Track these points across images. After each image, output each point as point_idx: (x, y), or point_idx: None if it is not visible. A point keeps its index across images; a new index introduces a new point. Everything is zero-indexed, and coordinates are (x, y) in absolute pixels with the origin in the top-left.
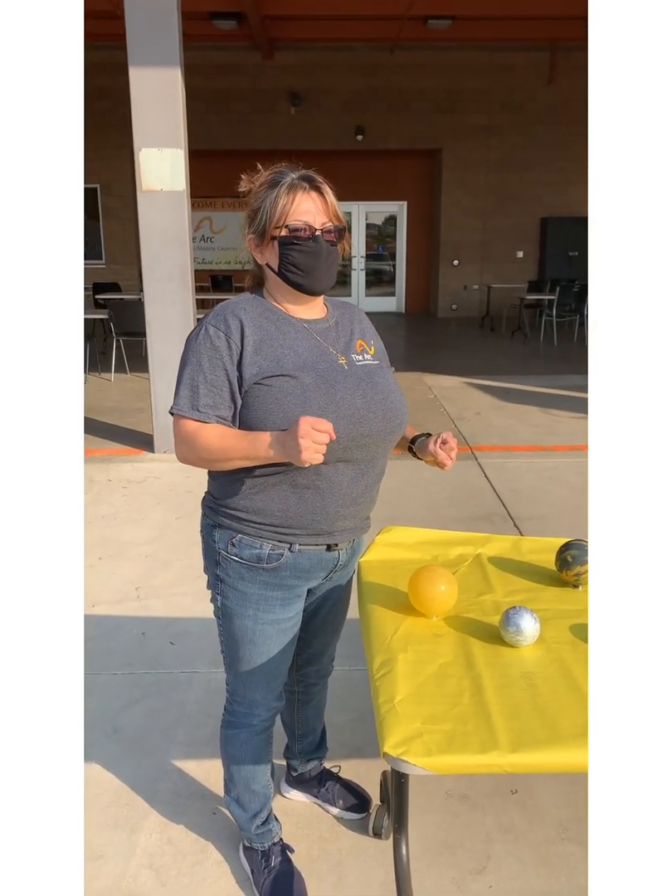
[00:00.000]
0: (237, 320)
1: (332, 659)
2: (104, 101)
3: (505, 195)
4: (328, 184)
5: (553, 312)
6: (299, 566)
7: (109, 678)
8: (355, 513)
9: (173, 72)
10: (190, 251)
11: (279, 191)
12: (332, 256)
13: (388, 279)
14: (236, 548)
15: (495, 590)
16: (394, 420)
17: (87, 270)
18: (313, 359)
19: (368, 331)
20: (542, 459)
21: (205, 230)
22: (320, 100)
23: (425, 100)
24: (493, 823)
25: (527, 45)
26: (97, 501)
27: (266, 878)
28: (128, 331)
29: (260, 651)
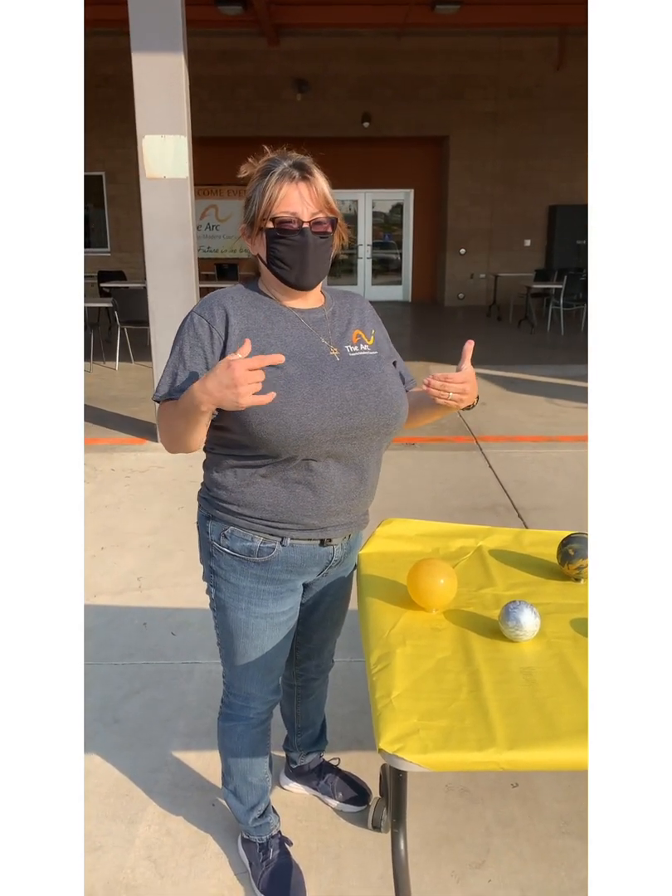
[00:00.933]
0: (222, 309)
1: (332, 654)
2: (109, 89)
3: (512, 183)
4: (321, 172)
5: (560, 302)
6: (291, 560)
7: (110, 668)
8: (349, 508)
9: (177, 58)
10: (193, 239)
11: (268, 180)
12: (322, 249)
13: (395, 268)
14: (228, 540)
15: (496, 583)
16: (387, 413)
17: (92, 258)
18: (301, 349)
19: (369, 321)
20: (547, 450)
21: (210, 218)
22: (326, 86)
23: (432, 86)
24: (493, 817)
25: (535, 30)
26: (100, 491)
27: (264, 870)
28: (132, 319)
29: (254, 644)
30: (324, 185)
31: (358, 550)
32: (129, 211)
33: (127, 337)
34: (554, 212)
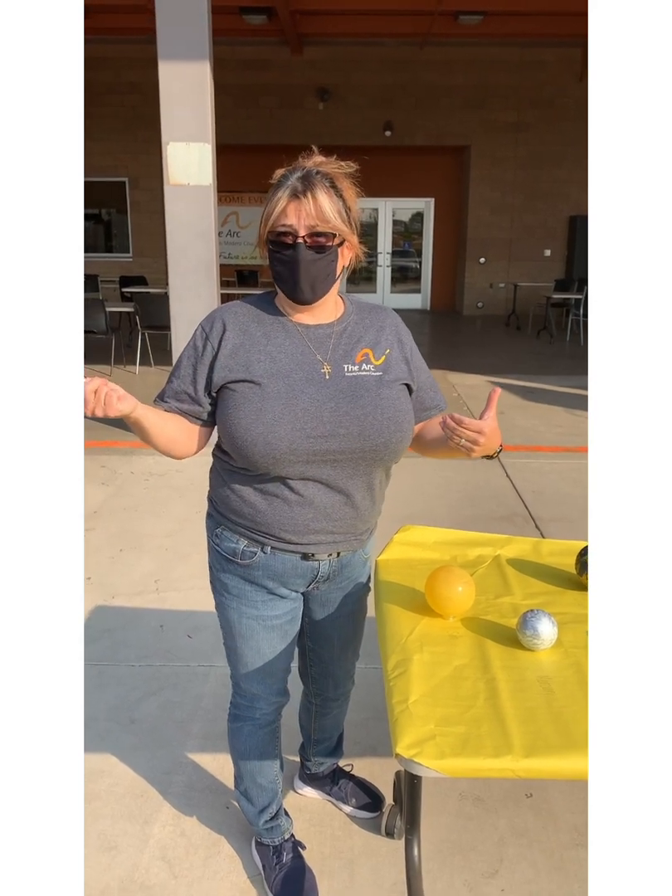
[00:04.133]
0: (221, 323)
1: (351, 677)
2: (134, 95)
3: (533, 192)
4: (329, 182)
5: (580, 312)
6: (272, 568)
7: (127, 669)
8: (331, 528)
9: (202, 66)
10: (215, 245)
11: (275, 193)
12: (319, 264)
13: (414, 276)
14: (219, 539)
15: (514, 592)
16: (373, 439)
17: (114, 263)
18: (290, 367)
19: (386, 339)
20: (565, 460)
21: (231, 225)
22: (349, 95)
23: (454, 96)
24: (507, 827)
25: (558, 41)
26: (119, 493)
27: (277, 873)
28: (153, 324)
29: (249, 645)
30: (328, 198)
31: (359, 569)
32: (151, 216)
33: (147, 341)
34: (574, 222)
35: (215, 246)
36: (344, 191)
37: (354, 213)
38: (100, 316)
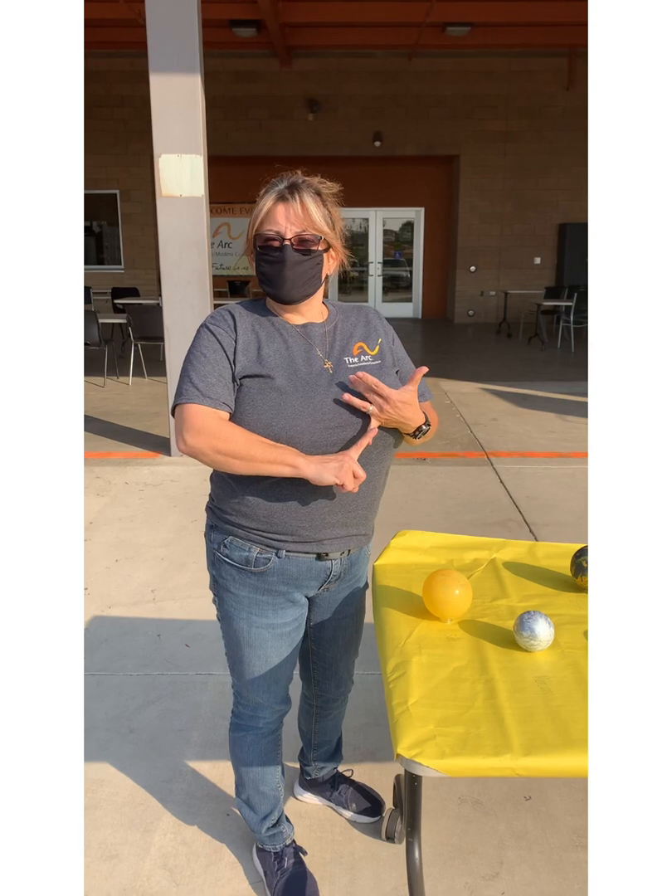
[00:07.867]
0: (230, 316)
1: (351, 675)
2: (125, 109)
3: (522, 201)
4: (315, 191)
5: (570, 318)
6: (287, 572)
7: (125, 679)
8: (345, 521)
9: (193, 79)
10: (208, 256)
11: (262, 197)
12: (304, 266)
13: (405, 285)
14: (228, 549)
15: (510, 594)
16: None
17: (106, 275)
18: (295, 363)
19: (374, 331)
20: (558, 466)
21: (223, 236)
22: (338, 106)
23: (443, 106)
24: (507, 830)
25: (545, 50)
26: (114, 504)
27: (279, 879)
28: (146, 335)
29: (257, 654)
30: (315, 204)
31: (363, 568)
32: (143, 228)
33: (141, 352)
34: (564, 230)
35: (208, 257)
36: (328, 202)
37: (339, 225)
38: (92, 327)
